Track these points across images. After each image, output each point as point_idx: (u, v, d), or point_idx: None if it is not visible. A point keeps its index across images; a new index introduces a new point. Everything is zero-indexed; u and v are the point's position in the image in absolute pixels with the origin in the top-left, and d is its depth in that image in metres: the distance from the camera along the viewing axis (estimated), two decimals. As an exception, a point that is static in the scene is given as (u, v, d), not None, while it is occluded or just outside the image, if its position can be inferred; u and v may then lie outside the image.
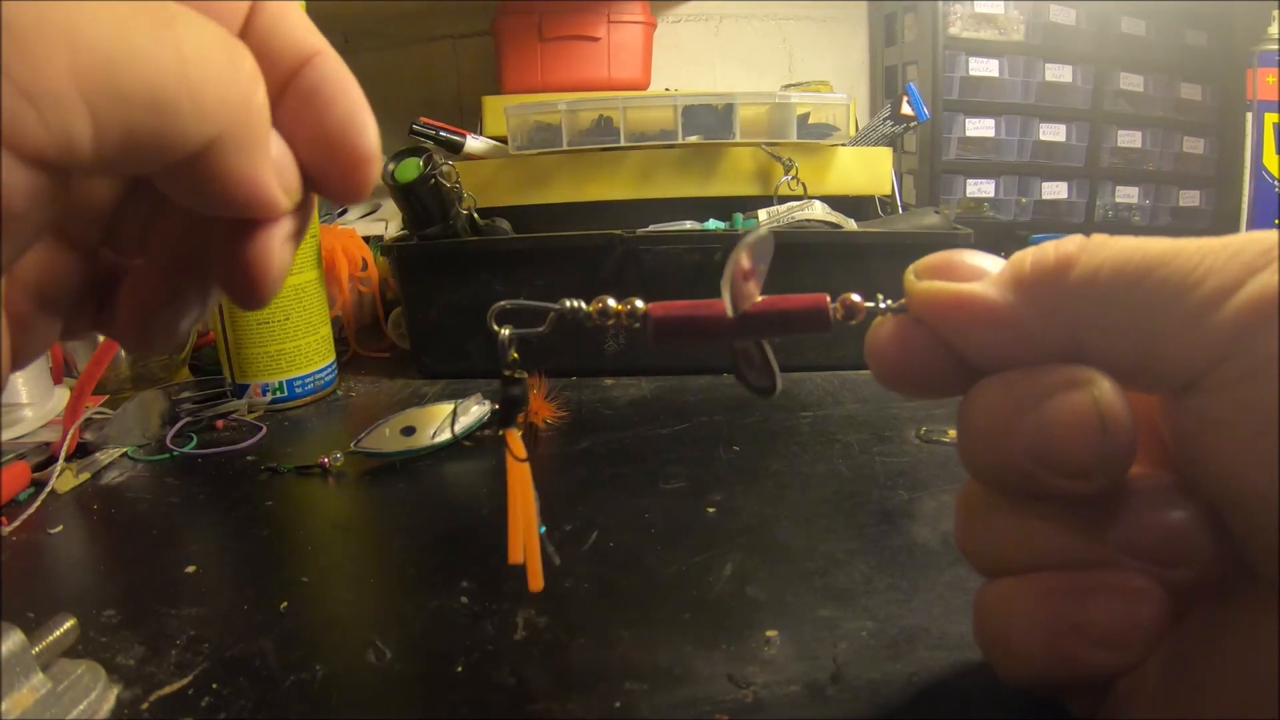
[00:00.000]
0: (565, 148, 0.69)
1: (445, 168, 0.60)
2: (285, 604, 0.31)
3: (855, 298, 0.22)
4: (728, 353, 0.25)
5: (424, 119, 0.73)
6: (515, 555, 0.24)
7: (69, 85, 0.12)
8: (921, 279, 0.21)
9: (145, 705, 0.25)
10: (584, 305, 0.23)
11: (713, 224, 0.67)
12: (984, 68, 0.89)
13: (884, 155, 0.75)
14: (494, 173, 0.71)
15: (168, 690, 0.26)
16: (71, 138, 0.13)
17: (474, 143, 0.74)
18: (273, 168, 0.16)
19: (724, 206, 0.69)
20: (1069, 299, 0.19)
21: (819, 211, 0.64)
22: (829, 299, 0.22)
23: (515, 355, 0.23)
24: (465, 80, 1.02)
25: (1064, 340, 0.19)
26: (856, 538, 0.35)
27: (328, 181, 0.18)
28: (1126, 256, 0.18)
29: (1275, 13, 0.86)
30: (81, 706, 0.24)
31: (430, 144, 0.71)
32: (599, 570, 0.33)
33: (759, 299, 0.23)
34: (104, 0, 0.13)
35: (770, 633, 0.28)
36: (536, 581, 0.24)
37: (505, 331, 0.23)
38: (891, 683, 0.25)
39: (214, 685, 0.26)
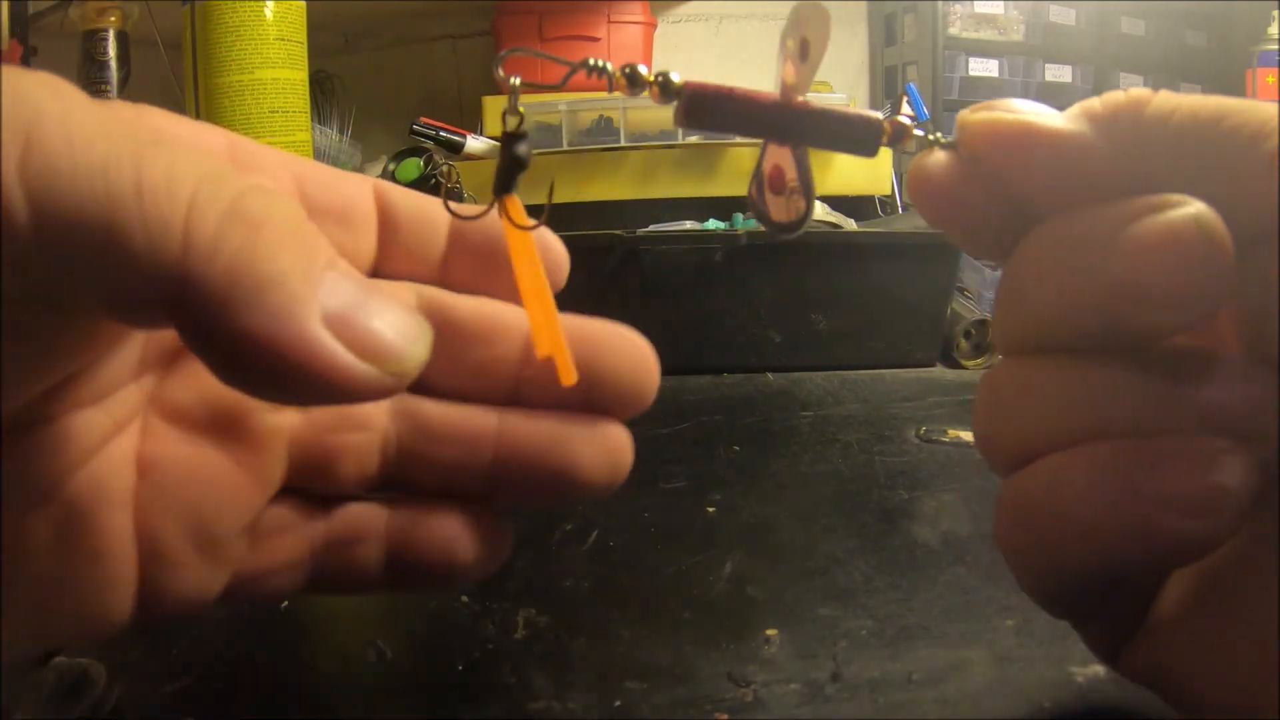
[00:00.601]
0: (566, 148, 0.69)
1: (445, 168, 0.61)
2: (286, 603, 0.31)
3: (906, 120, 0.20)
4: (751, 182, 0.22)
5: (424, 119, 0.73)
6: (543, 347, 0.19)
7: (14, 173, 0.12)
8: (981, 108, 0.19)
9: (146, 704, 0.25)
10: (609, 66, 0.20)
11: (713, 224, 0.67)
12: (984, 68, 0.89)
13: (884, 155, 0.75)
14: (494, 173, 0.71)
15: (169, 689, 0.26)
16: (14, 219, 0.12)
17: (474, 143, 0.74)
18: (313, 312, 0.13)
19: (724, 206, 0.69)
20: (1144, 134, 0.17)
21: (819, 211, 0.65)
22: (878, 115, 0.20)
23: (522, 111, 0.19)
24: (465, 80, 1.02)
25: (1140, 178, 0.17)
26: (856, 537, 0.35)
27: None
28: (1200, 103, 0.17)
29: (1275, 13, 0.86)
30: (83, 705, 0.24)
31: (430, 144, 0.71)
32: (599, 569, 0.33)
33: (806, 98, 0.20)
34: (91, 107, 0.13)
35: (770, 632, 0.28)
36: (569, 375, 0.19)
37: (515, 80, 0.19)
38: (891, 682, 0.25)
39: (215, 684, 0.26)
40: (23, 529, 0.15)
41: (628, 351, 0.17)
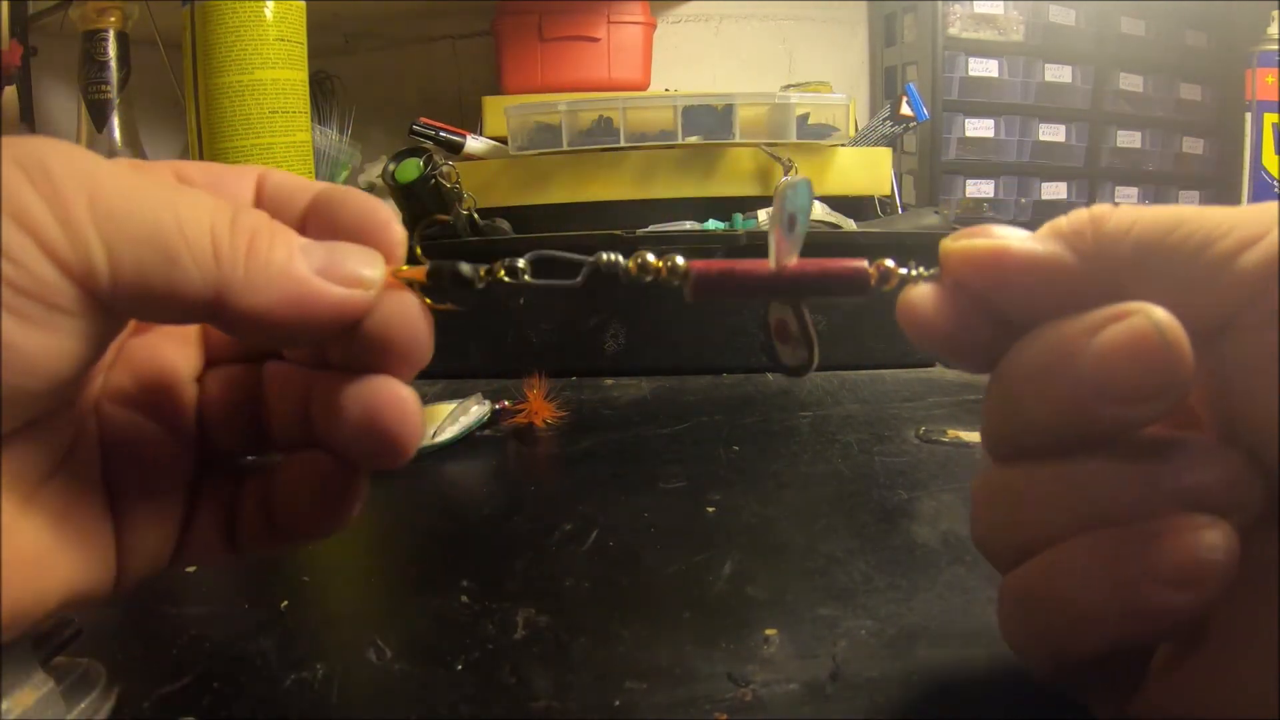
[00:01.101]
0: (565, 148, 0.69)
1: (445, 168, 0.60)
2: (286, 603, 0.31)
3: (890, 263, 0.22)
4: (761, 329, 0.25)
5: (424, 119, 0.73)
6: None
7: (88, 220, 0.16)
8: (961, 236, 0.22)
9: (146, 704, 0.25)
10: (622, 259, 0.22)
11: (713, 224, 0.67)
12: (983, 68, 0.89)
13: (883, 156, 0.75)
14: (494, 173, 0.71)
15: (168, 689, 0.26)
16: (91, 260, 0.16)
17: (474, 143, 0.74)
18: (309, 273, 0.18)
19: (724, 207, 0.69)
20: (1107, 247, 0.19)
21: (818, 212, 0.65)
22: (867, 263, 0.23)
23: (503, 275, 0.22)
24: (465, 81, 1.02)
25: (1105, 286, 0.19)
26: (856, 537, 0.35)
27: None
28: (1156, 213, 0.19)
29: (1275, 13, 0.86)
30: (83, 705, 0.24)
31: (430, 144, 0.71)
32: (599, 569, 0.33)
33: (797, 258, 0.23)
34: (123, 168, 0.17)
35: (770, 631, 0.28)
36: None
37: (522, 263, 0.22)
38: (891, 681, 0.25)
39: (215, 684, 0.26)
40: (30, 508, 0.18)
41: (406, 312, 0.20)
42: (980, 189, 0.91)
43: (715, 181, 0.71)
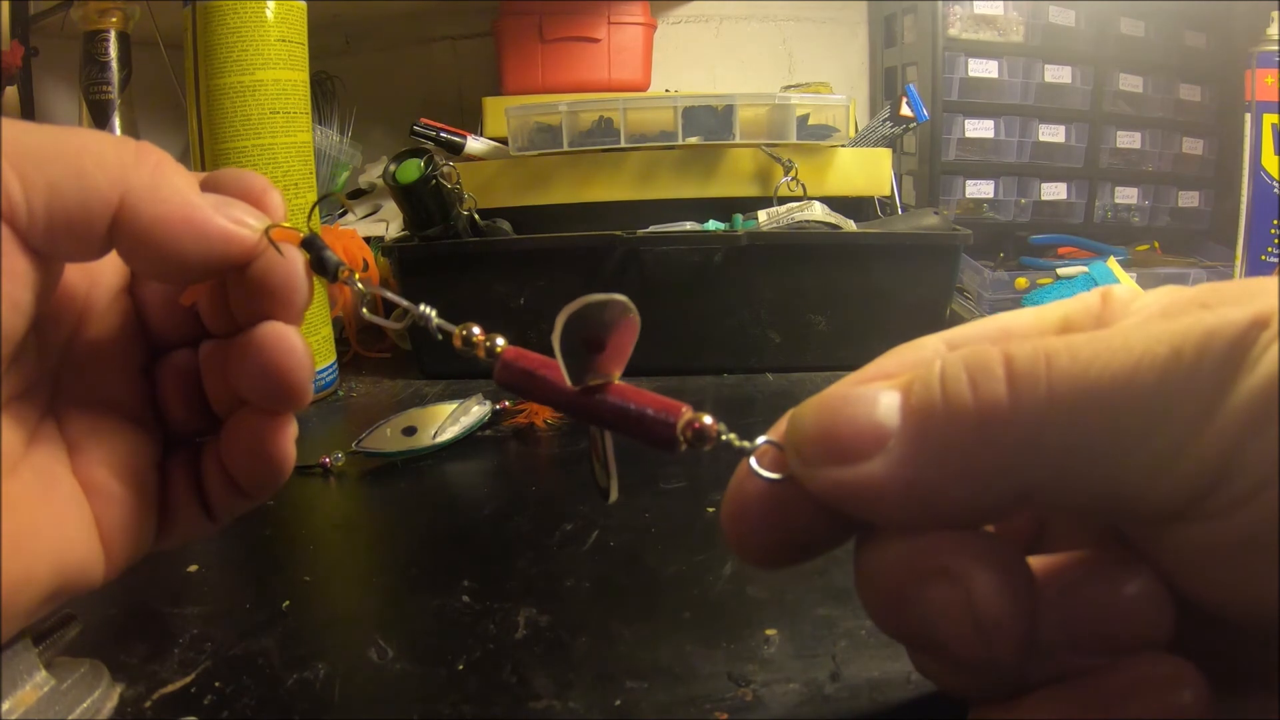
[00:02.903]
0: (566, 149, 0.69)
1: (446, 169, 0.61)
2: (287, 603, 0.31)
3: (707, 420, 0.19)
4: (586, 438, 0.22)
5: (424, 120, 0.73)
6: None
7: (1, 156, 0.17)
8: (804, 451, 0.18)
9: (148, 704, 0.25)
10: (439, 320, 0.22)
11: (713, 225, 0.67)
12: (983, 69, 0.89)
13: (883, 156, 0.75)
14: (495, 174, 0.71)
15: (170, 688, 0.26)
16: (11, 192, 0.18)
17: (475, 144, 0.74)
18: (204, 201, 0.20)
19: (724, 207, 0.70)
20: (1004, 454, 0.16)
21: (818, 212, 0.65)
22: (682, 413, 0.20)
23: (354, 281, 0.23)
24: (466, 81, 1.02)
25: (997, 490, 0.16)
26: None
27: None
28: (1072, 394, 0.15)
29: (1275, 13, 0.86)
30: (84, 705, 0.25)
31: (431, 145, 0.71)
32: (600, 569, 0.33)
33: (614, 381, 0.20)
34: (26, 122, 0.19)
35: (770, 631, 0.28)
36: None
37: (428, 310, 0.23)
38: (890, 681, 0.26)
39: (216, 684, 0.26)
40: (5, 491, 0.19)
41: (284, 262, 0.21)
42: (980, 189, 0.91)
43: (715, 182, 0.71)
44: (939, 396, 0.16)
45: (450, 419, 0.47)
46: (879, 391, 0.17)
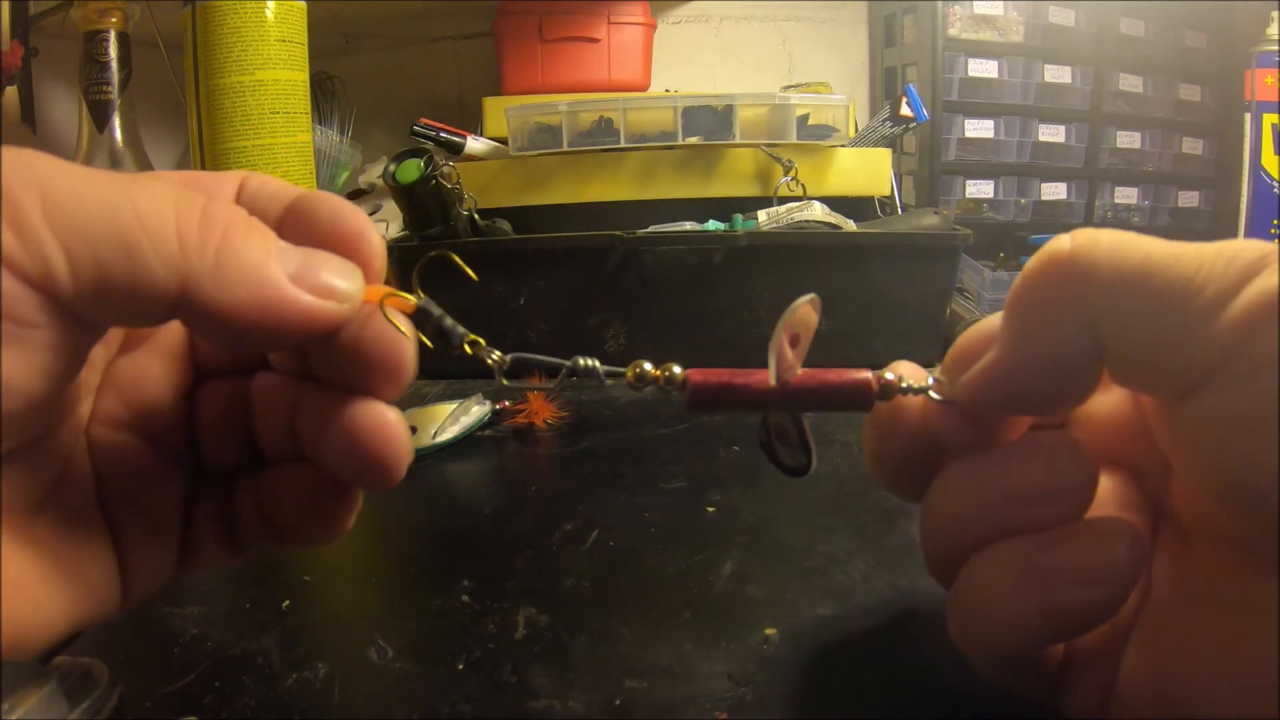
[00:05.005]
0: (565, 149, 0.69)
1: (446, 169, 0.61)
2: (287, 602, 0.31)
3: (889, 375, 0.23)
4: (761, 430, 0.24)
5: (424, 120, 0.74)
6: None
7: (42, 222, 0.15)
8: (950, 371, 0.23)
9: (148, 703, 0.25)
10: (599, 365, 0.22)
11: (713, 225, 0.67)
12: (983, 69, 0.89)
13: (883, 156, 0.75)
14: (494, 174, 0.71)
15: (171, 688, 0.26)
16: (49, 263, 0.15)
17: (474, 144, 0.74)
18: (283, 278, 0.17)
19: (724, 207, 0.70)
20: (1067, 287, 0.19)
21: (818, 212, 0.65)
22: (869, 377, 0.23)
23: (494, 363, 0.22)
24: (466, 81, 1.02)
25: (1068, 334, 0.19)
26: (855, 537, 0.35)
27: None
28: (1124, 260, 0.19)
29: (1274, 13, 0.86)
30: (84, 705, 0.25)
31: (431, 145, 0.71)
32: (599, 569, 0.33)
33: (800, 371, 0.23)
34: (75, 166, 0.16)
35: (769, 631, 0.28)
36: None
37: (497, 357, 0.22)
38: (890, 680, 0.26)
39: (216, 683, 0.26)
40: (24, 538, 0.18)
41: (385, 333, 0.19)
42: (980, 189, 0.91)
43: (715, 182, 0.71)
44: (1019, 278, 0.20)
45: (450, 419, 0.47)
46: (985, 318, 0.22)
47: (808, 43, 1.06)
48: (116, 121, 0.66)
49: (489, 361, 0.21)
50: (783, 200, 0.68)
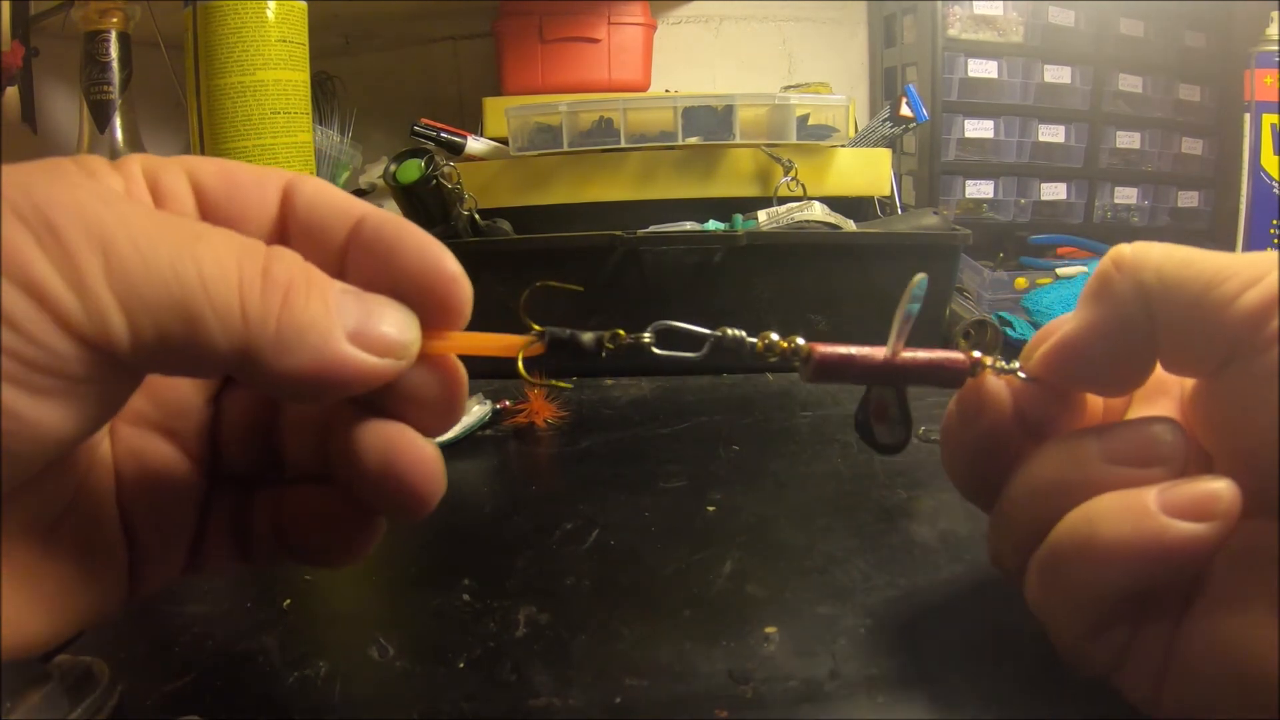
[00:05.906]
0: (566, 149, 0.69)
1: (446, 169, 0.61)
2: (288, 601, 0.31)
3: (977, 354, 0.25)
4: (858, 410, 0.26)
5: (425, 120, 0.74)
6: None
7: (104, 285, 0.14)
8: (1030, 351, 0.24)
9: (149, 702, 0.25)
10: (746, 335, 0.24)
11: (713, 225, 0.67)
12: (983, 69, 0.89)
13: (883, 156, 0.75)
14: (495, 174, 0.71)
15: (171, 687, 0.26)
16: (109, 329, 0.15)
17: (475, 144, 0.74)
18: (342, 339, 0.17)
19: (724, 207, 0.70)
20: (1129, 276, 0.22)
21: (818, 212, 0.65)
22: (967, 355, 0.25)
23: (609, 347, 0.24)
24: (466, 82, 1.02)
25: (1140, 315, 0.22)
26: (855, 536, 0.35)
27: (428, 315, 0.19)
28: (1172, 252, 0.22)
29: (1274, 14, 0.86)
30: (85, 704, 0.25)
31: (431, 145, 0.71)
32: (600, 568, 0.33)
33: (902, 347, 0.24)
34: (136, 210, 0.15)
35: (769, 629, 0.28)
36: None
37: (648, 336, 0.25)
38: (889, 679, 0.26)
39: (217, 682, 0.26)
40: (53, 536, 0.18)
41: (445, 378, 0.19)
42: (980, 189, 0.91)
43: (715, 182, 0.71)
44: (1096, 273, 0.23)
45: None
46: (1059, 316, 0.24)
47: (808, 43, 1.06)
48: (117, 122, 0.66)
49: (643, 340, 0.23)
50: (783, 200, 0.68)
